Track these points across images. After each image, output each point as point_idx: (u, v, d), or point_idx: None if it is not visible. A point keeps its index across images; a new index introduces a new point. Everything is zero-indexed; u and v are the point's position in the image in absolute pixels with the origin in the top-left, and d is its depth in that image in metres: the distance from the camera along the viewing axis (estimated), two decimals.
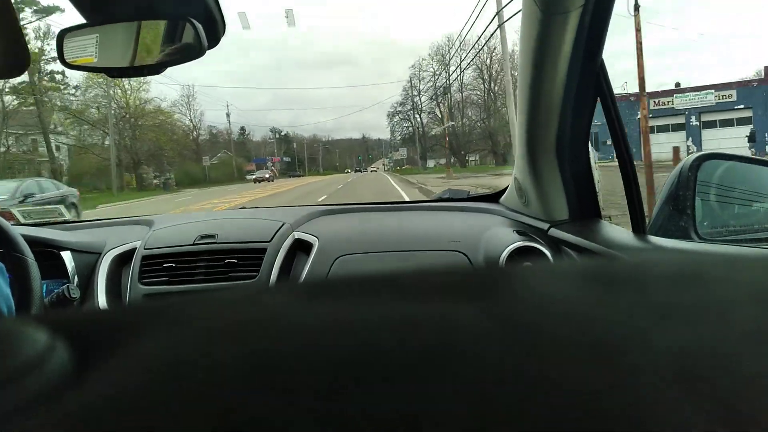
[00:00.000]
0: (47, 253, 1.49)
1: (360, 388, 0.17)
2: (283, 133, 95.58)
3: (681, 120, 30.54)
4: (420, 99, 60.87)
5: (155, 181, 39.80)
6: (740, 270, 0.25)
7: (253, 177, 44.67)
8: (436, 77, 54.76)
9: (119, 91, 37.95)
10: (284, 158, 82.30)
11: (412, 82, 60.96)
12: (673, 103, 30.61)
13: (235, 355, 0.19)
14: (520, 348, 0.18)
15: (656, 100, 29.90)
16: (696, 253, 0.27)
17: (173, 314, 0.23)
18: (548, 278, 0.25)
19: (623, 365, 0.17)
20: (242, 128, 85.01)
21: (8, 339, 0.21)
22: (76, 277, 1.51)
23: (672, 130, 30.25)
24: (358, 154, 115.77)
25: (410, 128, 63.42)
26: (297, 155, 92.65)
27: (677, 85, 32.69)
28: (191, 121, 55.41)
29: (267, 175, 45.10)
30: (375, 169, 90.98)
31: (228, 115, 60.52)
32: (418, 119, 61.79)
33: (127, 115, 39.07)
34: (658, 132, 27.94)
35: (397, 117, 67.08)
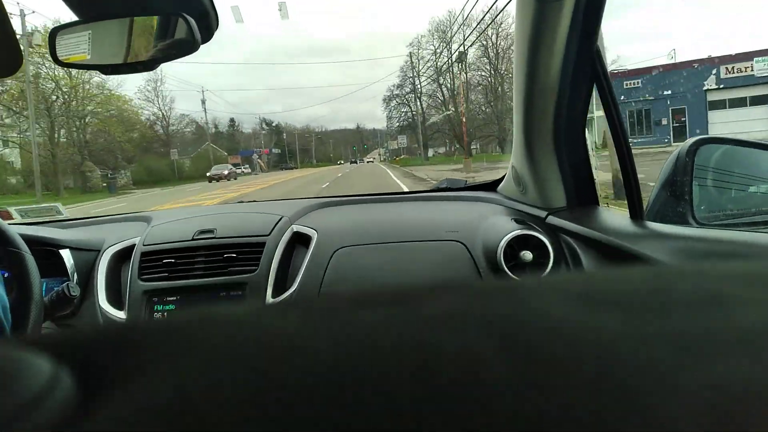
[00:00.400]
0: (46, 251, 1.49)
1: (362, 411, 0.17)
2: (274, 124, 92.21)
3: (764, 90, 22.52)
4: (419, 81, 53.22)
5: (105, 182, 32.52)
6: (756, 291, 0.23)
7: (208, 174, 37.31)
8: (438, 56, 48.40)
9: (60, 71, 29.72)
10: (274, 150, 78.78)
11: (411, 61, 52.95)
12: (752, 69, 23.02)
13: (239, 382, 0.19)
14: (527, 375, 0.18)
15: (729, 67, 23.46)
16: (714, 270, 0.25)
17: (177, 338, 0.23)
18: (548, 295, 0.24)
19: (649, 407, 0.16)
20: (231, 120, 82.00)
21: (11, 371, 0.20)
22: (75, 274, 1.51)
23: (751, 104, 22.98)
24: (352, 144, 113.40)
25: (409, 114, 55.86)
26: (288, 147, 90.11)
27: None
28: (160, 110, 51.17)
29: (225, 172, 37.54)
30: (371, 159, 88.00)
31: (203, 102, 56.42)
32: (418, 104, 54.23)
33: (74, 102, 32.76)
34: (730, 107, 23.16)
35: (395, 101, 58.60)
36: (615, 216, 1.23)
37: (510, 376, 0.18)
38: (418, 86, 52.85)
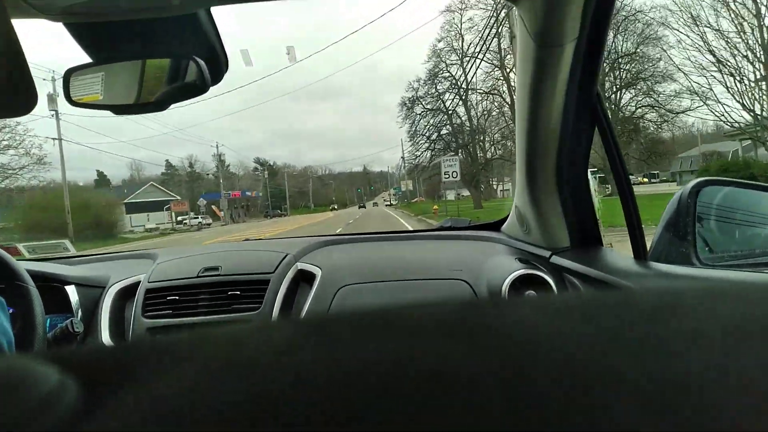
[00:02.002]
0: (51, 287, 1.49)
1: (357, 424, 0.17)
2: (270, 164, 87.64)
3: None
4: (466, 67, 31.69)
5: None
6: (715, 301, 0.25)
7: None
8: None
9: None
10: (258, 194, 70.22)
11: (450, 36, 32.42)
12: None
13: (238, 393, 0.19)
14: (510, 385, 0.19)
15: None
16: (674, 286, 0.27)
17: (178, 351, 0.24)
18: (537, 314, 0.25)
19: (600, 400, 0.18)
20: (221, 159, 77.19)
21: (19, 378, 0.21)
22: (79, 311, 1.51)
23: None
24: (358, 186, 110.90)
25: (444, 122, 33.61)
26: (282, 190, 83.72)
27: None
28: None
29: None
30: (375, 203, 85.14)
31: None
32: (459, 111, 33.36)
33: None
34: None
35: (421, 105, 34.24)
36: (619, 256, 1.23)
37: (487, 376, 0.19)
38: (465, 78, 32.18)
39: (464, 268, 1.54)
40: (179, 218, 46.43)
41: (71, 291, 1.52)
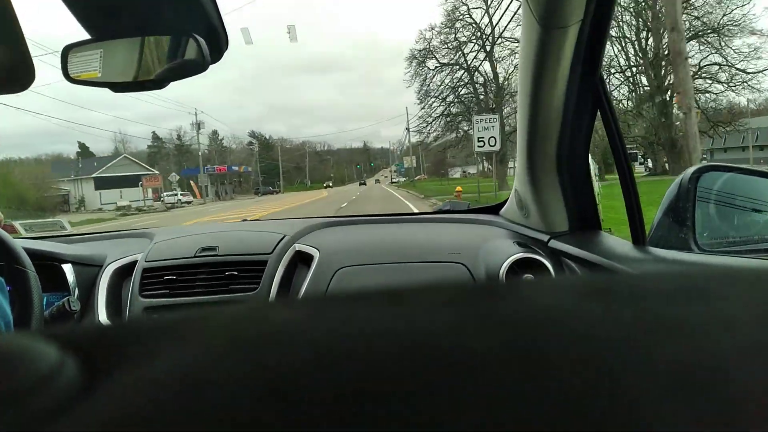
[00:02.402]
0: (48, 265, 1.49)
1: (367, 401, 0.17)
2: (264, 137, 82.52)
3: None
4: (493, 12, 26.88)
5: None
6: (740, 285, 0.25)
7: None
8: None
9: None
10: (246, 168, 65.66)
11: None
12: None
13: (243, 369, 0.19)
14: (522, 361, 0.19)
15: None
16: (696, 267, 0.27)
17: (181, 329, 0.24)
18: (549, 291, 0.25)
19: (623, 379, 0.17)
20: (214, 132, 73.37)
21: (20, 354, 0.21)
22: (76, 289, 1.51)
23: None
24: (357, 162, 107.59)
25: (464, 80, 28.37)
26: (277, 165, 78.35)
27: None
28: None
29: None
30: (377, 179, 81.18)
31: None
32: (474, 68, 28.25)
33: None
34: None
35: (435, 59, 29.23)
36: (617, 241, 1.23)
37: (502, 357, 0.19)
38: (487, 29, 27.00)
39: (462, 251, 1.54)
40: (165, 194, 42.38)
41: (68, 269, 1.52)
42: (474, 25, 28.26)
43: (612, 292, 0.25)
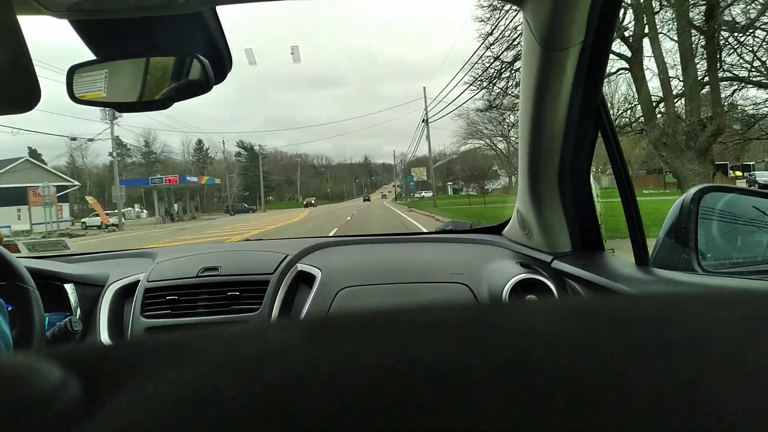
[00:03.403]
0: (50, 285, 1.49)
1: (361, 422, 0.17)
2: (253, 147, 74.01)
3: None
4: None
5: None
6: (719, 307, 0.25)
7: None
8: None
9: None
10: (212, 180, 50.85)
11: None
12: None
13: (241, 389, 0.19)
14: (512, 387, 0.19)
15: None
16: (677, 292, 0.27)
17: (181, 350, 0.24)
18: (537, 316, 0.25)
19: (606, 404, 0.18)
20: (199, 141, 67.61)
21: (23, 374, 0.21)
22: (78, 309, 1.50)
23: None
24: (357, 176, 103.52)
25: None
26: (268, 178, 71.46)
27: None
28: None
29: None
30: (367, 198, 73.29)
31: None
32: None
33: None
34: None
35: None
36: (620, 262, 1.22)
37: (492, 378, 0.19)
38: None
39: (465, 271, 1.54)
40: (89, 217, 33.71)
41: (70, 289, 1.52)
42: None
43: (596, 317, 0.25)
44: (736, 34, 9.44)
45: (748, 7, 9.30)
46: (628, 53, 10.65)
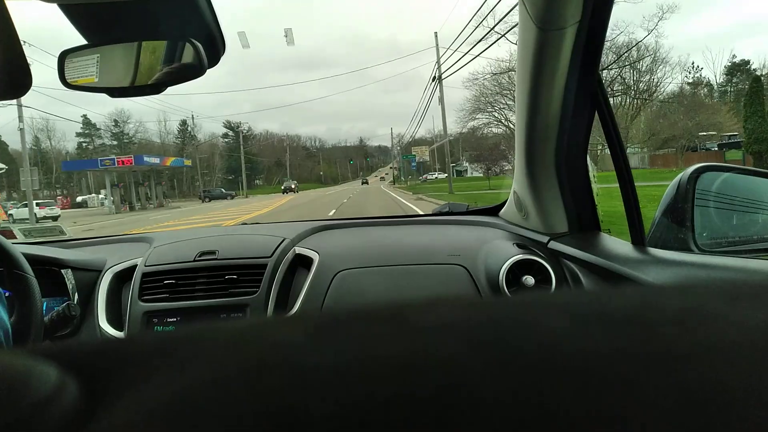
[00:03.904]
0: (48, 270, 1.49)
1: (367, 421, 0.17)
2: (240, 128, 67.76)
3: None
4: None
5: None
6: (739, 307, 0.25)
7: None
8: None
9: None
10: (180, 161, 42.31)
11: None
12: None
13: (246, 388, 0.19)
14: (524, 385, 0.19)
15: None
16: (696, 284, 0.27)
17: (181, 349, 0.24)
18: (548, 313, 0.25)
19: (630, 401, 0.17)
20: (183, 122, 60.87)
21: (20, 377, 0.21)
22: (76, 294, 1.51)
23: None
24: (351, 158, 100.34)
25: None
26: (255, 160, 66.51)
27: None
28: None
29: None
30: (383, 177, 69.58)
31: None
32: None
33: None
34: None
35: None
36: (617, 242, 1.23)
37: (494, 382, 0.19)
38: None
39: (462, 253, 1.54)
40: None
41: (67, 274, 1.52)
42: None
43: (615, 315, 0.24)
44: None
45: None
46: None
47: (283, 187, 53.21)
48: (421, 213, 3.05)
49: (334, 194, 35.97)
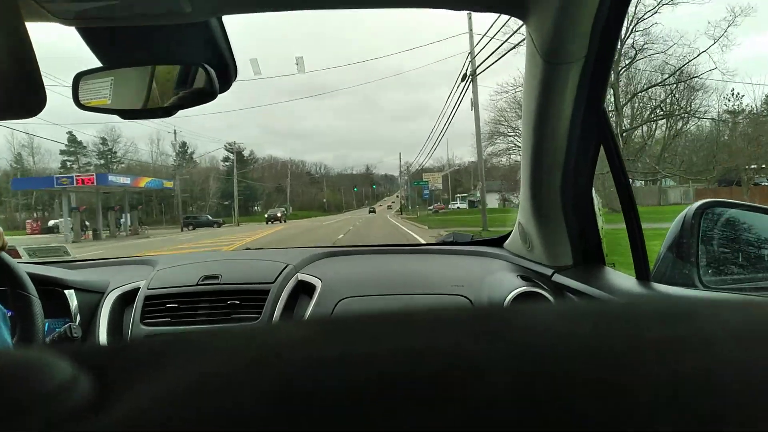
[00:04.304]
0: (51, 291, 1.49)
1: (372, 416, 0.17)
2: (240, 149, 60.17)
3: None
4: None
5: None
6: (723, 311, 0.26)
7: None
8: None
9: None
10: (158, 183, 35.46)
11: None
12: None
13: (252, 382, 0.20)
14: (525, 379, 0.19)
15: None
16: (681, 296, 0.29)
17: (191, 347, 0.24)
18: (551, 315, 0.26)
19: (623, 391, 0.18)
20: (183, 144, 55.24)
21: (36, 368, 0.22)
22: (78, 315, 1.50)
23: None
24: (356, 185, 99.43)
25: None
26: (254, 186, 62.82)
27: None
28: None
29: None
30: (390, 205, 67.48)
31: None
32: None
33: None
34: None
35: None
36: (621, 277, 1.22)
37: (500, 375, 0.19)
38: None
39: (465, 283, 1.54)
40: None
41: (70, 295, 1.52)
42: None
43: (602, 315, 0.26)
44: None
45: None
46: None
47: (267, 215, 45.65)
48: (425, 242, 3.05)
49: (333, 225, 31.13)
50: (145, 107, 0.95)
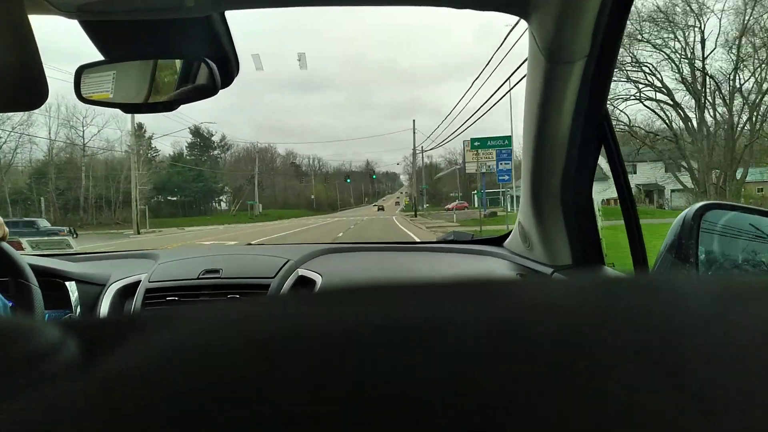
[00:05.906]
0: (52, 282, 1.50)
1: (366, 387, 0.17)
2: (207, 134, 58.49)
3: None
4: None
5: None
6: (689, 282, 0.27)
7: None
8: None
9: None
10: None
11: None
12: None
13: (231, 345, 0.20)
14: (520, 350, 0.19)
15: None
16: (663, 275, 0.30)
17: (177, 315, 0.25)
18: (548, 287, 0.27)
19: (610, 369, 0.18)
20: (139, 125, 41.84)
21: (25, 332, 0.23)
22: (78, 307, 1.51)
23: None
24: (357, 183, 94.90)
25: None
26: (214, 177, 52.90)
27: None
28: None
29: None
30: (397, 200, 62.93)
31: None
32: None
33: None
34: None
35: None
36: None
37: (487, 342, 0.20)
38: None
39: None
40: None
41: (71, 287, 1.52)
42: None
43: (596, 288, 0.26)
44: None
45: None
46: None
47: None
48: (426, 240, 3.05)
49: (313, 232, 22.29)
50: (146, 101, 0.95)
